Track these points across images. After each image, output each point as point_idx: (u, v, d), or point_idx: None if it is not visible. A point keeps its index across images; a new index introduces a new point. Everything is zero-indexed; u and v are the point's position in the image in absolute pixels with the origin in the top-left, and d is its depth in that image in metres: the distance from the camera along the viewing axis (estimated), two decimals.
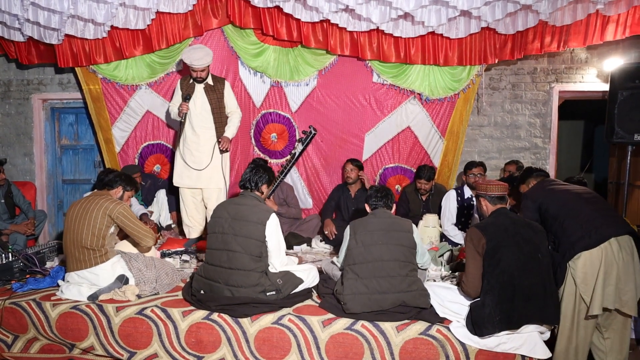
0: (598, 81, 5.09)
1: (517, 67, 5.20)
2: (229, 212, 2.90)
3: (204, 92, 4.27)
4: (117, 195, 3.26)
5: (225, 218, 2.89)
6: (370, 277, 2.75)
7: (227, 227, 2.86)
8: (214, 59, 4.46)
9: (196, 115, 4.27)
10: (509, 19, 4.34)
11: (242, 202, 2.95)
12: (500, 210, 2.73)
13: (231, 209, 2.92)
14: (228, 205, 2.97)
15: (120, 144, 5.32)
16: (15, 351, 3.01)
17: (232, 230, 2.84)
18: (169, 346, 2.84)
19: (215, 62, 4.61)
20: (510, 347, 2.55)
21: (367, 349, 2.66)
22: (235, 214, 2.88)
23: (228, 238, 2.83)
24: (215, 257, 2.88)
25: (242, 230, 2.82)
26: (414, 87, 4.93)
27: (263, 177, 3.02)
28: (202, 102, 4.27)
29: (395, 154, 5.17)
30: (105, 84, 5.14)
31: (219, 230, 2.89)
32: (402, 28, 4.51)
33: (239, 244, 2.80)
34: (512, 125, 5.27)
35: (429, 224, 4.15)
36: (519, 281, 2.50)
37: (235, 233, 2.82)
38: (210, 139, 4.31)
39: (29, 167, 5.80)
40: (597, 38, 4.47)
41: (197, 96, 4.26)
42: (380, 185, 3.11)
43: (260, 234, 2.82)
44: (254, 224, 2.82)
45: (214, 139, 4.32)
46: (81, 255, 3.00)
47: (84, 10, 4.27)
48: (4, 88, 5.78)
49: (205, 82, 4.29)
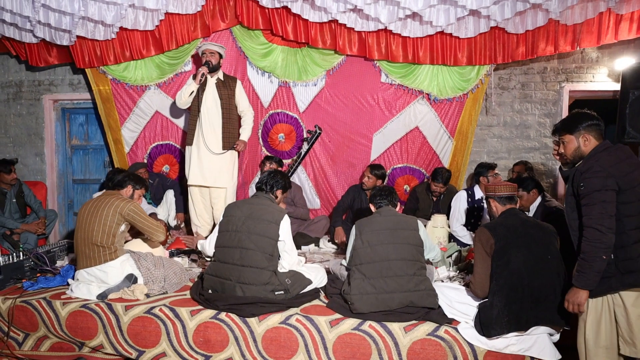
0: (609, 80, 5.04)
1: (527, 67, 5.16)
2: (243, 211, 2.94)
3: (215, 87, 4.28)
4: (127, 194, 3.33)
5: (238, 217, 2.93)
6: (377, 276, 2.74)
7: (240, 225, 2.89)
8: (223, 60, 4.49)
9: (207, 110, 4.26)
10: (518, 18, 4.32)
11: (255, 201, 3.01)
12: (509, 211, 2.71)
13: (245, 208, 2.97)
14: (242, 205, 3.02)
15: (130, 144, 5.36)
16: (26, 349, 3.04)
17: (246, 228, 2.87)
18: (177, 345, 2.86)
19: (224, 62, 4.63)
20: (519, 349, 2.53)
21: (374, 349, 2.65)
22: (250, 213, 2.92)
23: (242, 236, 2.86)
24: (228, 254, 2.90)
25: (256, 228, 2.85)
26: (423, 87, 4.91)
27: (279, 182, 3.10)
28: (214, 96, 4.27)
29: (404, 154, 5.15)
30: (114, 85, 5.19)
31: (232, 229, 2.92)
32: (411, 28, 4.50)
33: (253, 241, 2.83)
34: (522, 125, 5.23)
35: (438, 225, 4.13)
36: (528, 282, 2.47)
37: (250, 231, 2.85)
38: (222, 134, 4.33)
39: (40, 167, 5.87)
40: (611, 37, 4.43)
41: (209, 91, 4.26)
42: (385, 186, 3.11)
43: (274, 233, 2.85)
44: (268, 222, 2.86)
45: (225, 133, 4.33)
46: (91, 252, 3.03)
47: (94, 12, 4.32)
48: (15, 89, 5.85)
49: (217, 77, 4.30)
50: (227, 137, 4.33)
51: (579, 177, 2.28)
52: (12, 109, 5.88)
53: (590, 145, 2.36)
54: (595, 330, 2.31)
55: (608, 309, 2.29)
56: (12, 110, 5.88)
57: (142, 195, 3.48)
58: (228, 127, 4.33)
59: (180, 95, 4.24)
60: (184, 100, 4.24)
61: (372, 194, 3.06)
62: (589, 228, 2.22)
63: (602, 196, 2.19)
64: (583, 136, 2.38)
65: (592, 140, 2.36)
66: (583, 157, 2.38)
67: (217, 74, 4.32)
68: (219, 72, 4.35)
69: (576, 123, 2.40)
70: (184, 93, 4.20)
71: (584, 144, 2.37)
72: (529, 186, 3.71)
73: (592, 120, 2.38)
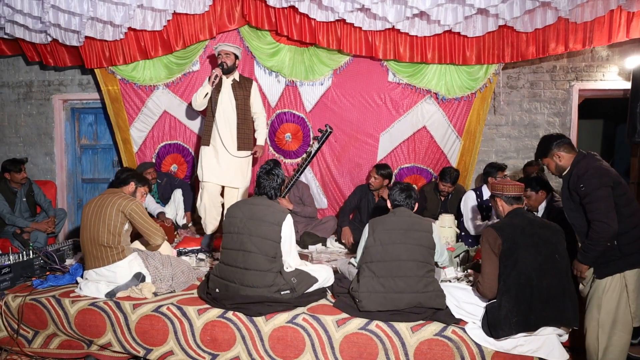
0: (619, 79, 4.98)
1: (536, 66, 5.12)
2: (244, 212, 2.90)
3: (231, 88, 4.27)
4: (130, 191, 3.32)
5: (240, 218, 2.89)
6: (387, 276, 2.73)
7: (242, 227, 2.86)
8: None
9: (223, 111, 4.24)
10: (527, 16, 4.28)
11: (257, 202, 2.95)
12: (516, 211, 2.69)
13: (246, 209, 2.92)
14: (243, 206, 2.97)
15: (138, 144, 5.39)
16: (36, 346, 3.07)
17: (247, 230, 2.84)
18: (184, 344, 2.87)
19: None
20: (527, 350, 2.51)
21: (381, 349, 2.64)
22: (251, 214, 2.88)
23: (243, 238, 2.83)
24: (231, 257, 2.89)
25: (258, 230, 2.82)
26: (430, 86, 4.89)
27: (279, 180, 3.00)
28: (230, 97, 4.26)
29: (411, 153, 5.13)
30: (123, 85, 5.22)
31: (234, 230, 2.89)
32: (418, 27, 4.48)
33: (254, 244, 2.81)
34: (531, 125, 5.19)
35: (445, 224, 4.11)
36: (536, 282, 2.45)
37: (251, 233, 2.82)
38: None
39: (49, 167, 5.93)
40: (623, 35, 4.36)
41: (224, 92, 4.26)
42: (406, 184, 3.06)
43: (276, 235, 2.82)
44: (269, 224, 2.82)
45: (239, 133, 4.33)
46: (99, 253, 3.05)
47: (103, 12, 4.35)
48: (25, 89, 5.92)
49: (232, 78, 4.30)
50: (242, 137, 4.30)
51: (576, 181, 2.63)
52: (23, 109, 5.95)
53: (565, 158, 2.75)
54: (614, 305, 2.61)
55: (619, 286, 2.61)
56: (23, 110, 5.95)
57: (145, 193, 3.47)
58: (243, 128, 4.31)
59: (196, 98, 4.24)
60: (199, 102, 4.23)
61: (392, 191, 3.00)
62: (597, 222, 2.54)
63: (603, 192, 2.54)
64: (556, 154, 2.77)
65: (566, 155, 2.75)
66: (565, 169, 2.76)
67: (233, 75, 4.30)
68: (235, 73, 4.32)
69: (547, 146, 2.81)
70: (199, 95, 4.21)
71: (560, 160, 2.76)
72: (537, 186, 3.68)
73: (558, 139, 2.79)
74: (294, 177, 4.82)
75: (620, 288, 2.60)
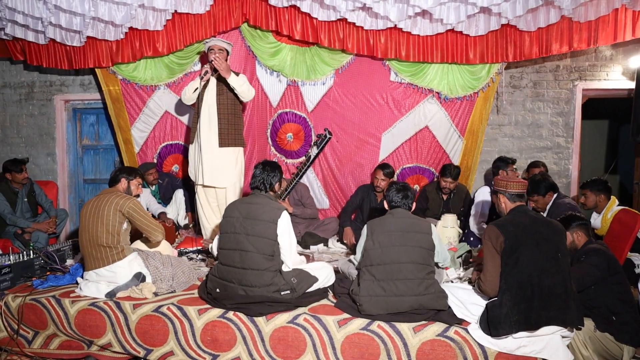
0: (623, 79, 4.95)
1: (539, 65, 5.09)
2: (240, 212, 2.89)
3: (216, 83, 4.15)
4: (123, 187, 3.29)
5: (236, 217, 2.88)
6: (387, 279, 2.71)
7: (238, 226, 2.84)
8: (232, 59, 4.47)
9: (208, 106, 4.13)
10: (530, 15, 4.26)
11: (253, 200, 2.94)
12: (519, 208, 2.66)
13: (242, 208, 2.90)
14: (239, 205, 2.96)
15: (139, 144, 5.38)
16: (36, 347, 3.06)
17: (244, 229, 2.82)
18: (184, 344, 2.85)
19: (233, 61, 4.63)
20: (531, 351, 2.48)
21: (383, 350, 2.62)
22: (247, 213, 2.86)
23: (240, 238, 2.82)
24: (228, 257, 2.87)
25: (254, 229, 2.80)
26: (432, 85, 4.86)
27: (275, 176, 3.01)
28: (214, 92, 4.13)
29: (413, 153, 5.11)
30: (124, 85, 5.22)
31: (230, 230, 2.88)
32: (420, 26, 4.46)
33: (251, 243, 2.79)
34: (534, 124, 5.16)
35: (448, 225, 4.08)
36: (538, 281, 2.42)
37: (247, 232, 2.81)
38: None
39: (51, 167, 5.93)
40: (629, 34, 4.32)
41: (210, 87, 4.14)
42: (402, 183, 3.02)
43: (272, 233, 2.80)
44: (265, 222, 2.81)
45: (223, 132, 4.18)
46: (98, 254, 3.04)
47: (104, 12, 4.34)
48: (27, 89, 5.92)
49: (218, 74, 4.15)
50: (224, 133, 4.14)
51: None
52: (24, 109, 5.95)
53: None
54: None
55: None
56: (24, 111, 5.95)
57: (139, 184, 3.42)
58: (225, 123, 4.15)
59: (185, 91, 4.19)
60: (187, 97, 4.17)
61: (389, 191, 2.97)
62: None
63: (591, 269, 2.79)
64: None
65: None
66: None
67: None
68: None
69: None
70: (189, 89, 4.15)
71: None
72: (543, 190, 3.63)
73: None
74: (292, 181, 4.79)
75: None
